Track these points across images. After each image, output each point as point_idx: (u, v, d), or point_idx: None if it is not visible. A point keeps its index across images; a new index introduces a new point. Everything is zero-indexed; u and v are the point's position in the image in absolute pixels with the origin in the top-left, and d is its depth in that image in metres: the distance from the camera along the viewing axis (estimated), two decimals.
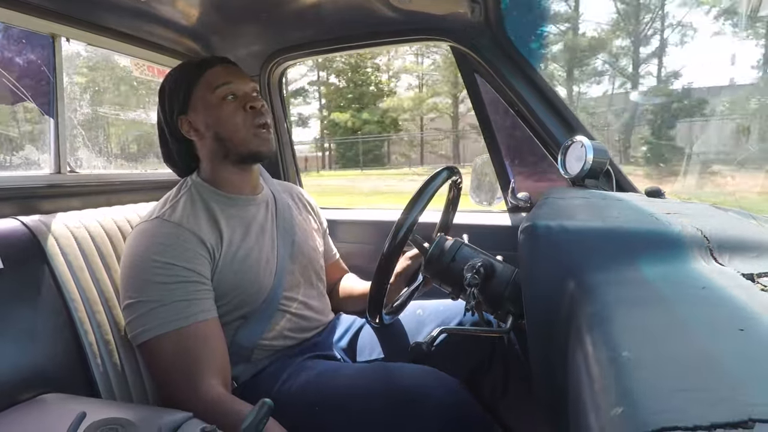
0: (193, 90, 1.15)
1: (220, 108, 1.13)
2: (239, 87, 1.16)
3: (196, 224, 1.08)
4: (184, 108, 1.16)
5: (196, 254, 1.04)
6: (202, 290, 1.04)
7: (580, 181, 1.30)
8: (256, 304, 1.13)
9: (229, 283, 1.10)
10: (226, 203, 1.17)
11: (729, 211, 0.87)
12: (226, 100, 1.14)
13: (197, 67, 1.17)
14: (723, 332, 0.42)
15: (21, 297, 0.97)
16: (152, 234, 1.05)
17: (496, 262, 1.06)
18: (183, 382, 0.97)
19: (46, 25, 1.22)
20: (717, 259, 0.61)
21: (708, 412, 0.31)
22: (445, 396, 0.99)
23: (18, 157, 1.59)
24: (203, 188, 1.17)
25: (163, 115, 1.20)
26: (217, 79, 1.15)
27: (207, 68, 1.16)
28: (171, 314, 0.98)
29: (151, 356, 1.01)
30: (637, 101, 18.76)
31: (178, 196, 1.14)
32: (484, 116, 1.58)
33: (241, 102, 1.15)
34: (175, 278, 1.00)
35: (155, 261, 1.00)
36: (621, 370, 0.40)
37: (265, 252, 1.18)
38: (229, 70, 1.18)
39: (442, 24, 1.46)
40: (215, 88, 1.14)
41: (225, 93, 1.14)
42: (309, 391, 1.06)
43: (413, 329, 1.29)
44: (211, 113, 1.14)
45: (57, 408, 0.84)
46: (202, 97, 1.14)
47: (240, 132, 1.14)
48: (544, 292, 0.71)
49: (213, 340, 1.02)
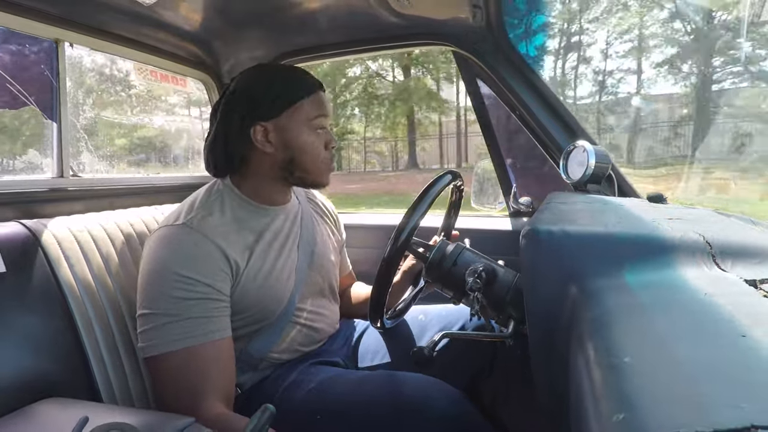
0: (292, 107, 1.10)
1: (311, 137, 1.12)
2: (329, 122, 1.16)
3: (224, 237, 1.04)
4: (269, 116, 1.10)
5: (218, 270, 1.01)
6: (220, 308, 1.01)
7: (582, 186, 1.30)
8: (272, 317, 1.12)
9: (252, 298, 1.07)
10: (258, 213, 1.14)
11: (731, 216, 0.87)
12: (317, 131, 1.13)
13: (305, 86, 1.12)
14: (725, 338, 0.42)
15: (23, 301, 0.97)
16: (175, 242, 1.00)
17: (497, 267, 1.06)
18: (185, 400, 0.94)
19: (50, 30, 1.22)
20: (719, 265, 0.60)
21: (710, 418, 0.31)
22: (448, 407, 0.98)
23: (21, 161, 1.60)
24: (235, 195, 1.13)
25: (237, 112, 1.11)
26: (321, 107, 1.13)
27: (314, 91, 1.13)
28: (183, 331, 0.95)
29: (156, 370, 0.98)
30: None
31: (207, 202, 1.10)
32: (485, 121, 1.58)
33: (326, 137, 1.15)
34: (193, 294, 0.97)
35: (176, 273, 0.96)
36: (623, 375, 0.40)
37: (288, 265, 1.16)
38: (328, 100, 1.17)
39: (443, 29, 1.46)
40: (315, 117, 1.12)
41: (321, 125, 1.13)
42: (311, 399, 1.05)
43: (415, 334, 1.29)
44: (299, 137, 1.11)
45: (59, 412, 0.84)
46: (298, 118, 1.10)
47: (315, 164, 1.13)
48: (545, 297, 0.71)
49: (222, 360, 0.99)
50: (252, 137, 1.09)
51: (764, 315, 0.45)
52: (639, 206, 0.97)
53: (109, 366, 1.07)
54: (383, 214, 1.93)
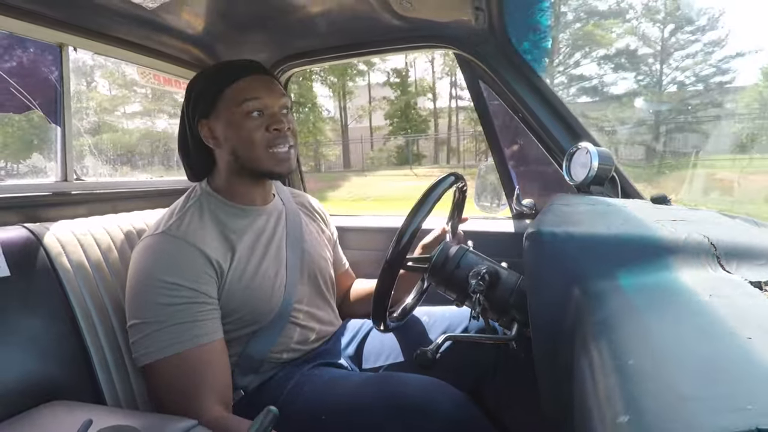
0: (220, 97, 1.11)
1: (242, 123, 1.09)
2: (268, 104, 1.11)
3: (203, 240, 1.05)
4: (207, 113, 1.12)
5: (201, 273, 1.02)
6: (207, 311, 1.01)
7: (586, 188, 1.29)
8: (267, 318, 1.12)
9: (239, 299, 1.08)
10: (236, 214, 1.15)
11: (736, 218, 0.87)
12: (251, 116, 1.09)
13: (231, 72, 1.12)
14: (730, 341, 0.42)
15: (28, 304, 0.97)
16: (157, 251, 1.02)
17: (500, 269, 1.05)
18: (182, 405, 0.95)
19: (54, 35, 1.23)
20: (724, 266, 0.60)
21: (715, 421, 0.31)
22: (453, 410, 0.98)
23: (25, 165, 1.60)
24: (212, 198, 1.15)
25: (186, 115, 1.16)
26: (246, 91, 1.10)
27: (240, 77, 1.11)
28: (172, 337, 0.96)
29: (152, 378, 0.99)
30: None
31: (185, 208, 1.11)
32: (488, 123, 1.58)
33: (265, 121, 1.11)
34: (178, 299, 0.98)
35: (159, 280, 0.98)
36: (627, 378, 0.40)
37: (275, 265, 1.16)
38: (263, 82, 1.13)
39: (446, 31, 1.46)
40: (242, 102, 1.09)
41: (251, 108, 1.09)
42: (315, 401, 1.05)
43: (419, 336, 1.29)
44: (231, 126, 1.10)
45: (64, 416, 0.84)
46: (227, 107, 1.10)
47: (255, 151, 1.10)
48: (549, 300, 0.71)
49: (215, 363, 1.00)
50: (202, 137, 1.13)
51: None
52: (643, 208, 0.97)
53: (112, 369, 1.07)
54: (381, 216, 1.93)
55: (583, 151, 1.30)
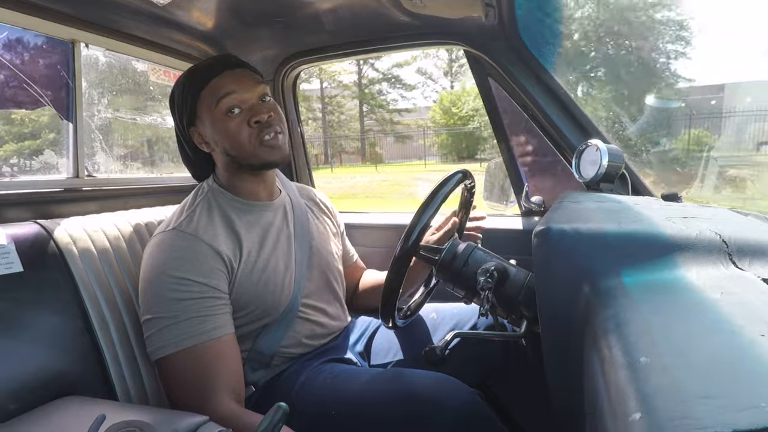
0: (198, 101, 1.11)
1: (224, 123, 1.09)
2: (244, 97, 1.10)
3: (213, 235, 1.06)
4: (192, 120, 1.13)
5: (212, 268, 1.03)
6: (218, 305, 1.02)
7: (595, 185, 1.29)
8: (277, 313, 1.13)
9: (249, 294, 1.09)
10: (244, 210, 1.16)
11: (749, 215, 0.86)
12: (231, 114, 1.09)
13: (202, 75, 1.12)
14: (743, 338, 0.42)
15: (40, 300, 0.98)
16: (168, 247, 1.03)
17: (509, 266, 1.05)
18: (195, 399, 0.96)
19: (66, 31, 1.24)
20: (736, 263, 0.60)
21: (728, 418, 0.31)
22: (463, 406, 0.98)
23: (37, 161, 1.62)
24: (220, 194, 1.16)
25: (176, 124, 1.18)
26: (220, 89, 1.09)
27: (212, 77, 1.10)
28: (185, 331, 0.97)
29: (166, 372, 1.00)
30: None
31: (194, 204, 1.12)
32: (497, 120, 1.58)
33: (246, 115, 1.10)
34: (190, 294, 0.99)
35: (170, 276, 0.99)
36: (638, 375, 0.40)
37: (283, 259, 1.17)
38: (235, 76, 1.11)
39: (456, 28, 1.46)
40: (219, 100, 1.08)
41: (229, 105, 1.09)
42: (325, 396, 1.06)
43: (428, 333, 1.29)
44: (216, 128, 1.10)
45: (77, 410, 0.85)
46: (207, 109, 1.10)
47: (247, 147, 1.10)
48: (558, 297, 0.71)
49: (227, 357, 1.01)
50: (196, 144, 1.16)
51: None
52: (653, 205, 0.96)
53: (124, 365, 1.08)
54: (389, 213, 1.93)
55: (593, 148, 1.29)
